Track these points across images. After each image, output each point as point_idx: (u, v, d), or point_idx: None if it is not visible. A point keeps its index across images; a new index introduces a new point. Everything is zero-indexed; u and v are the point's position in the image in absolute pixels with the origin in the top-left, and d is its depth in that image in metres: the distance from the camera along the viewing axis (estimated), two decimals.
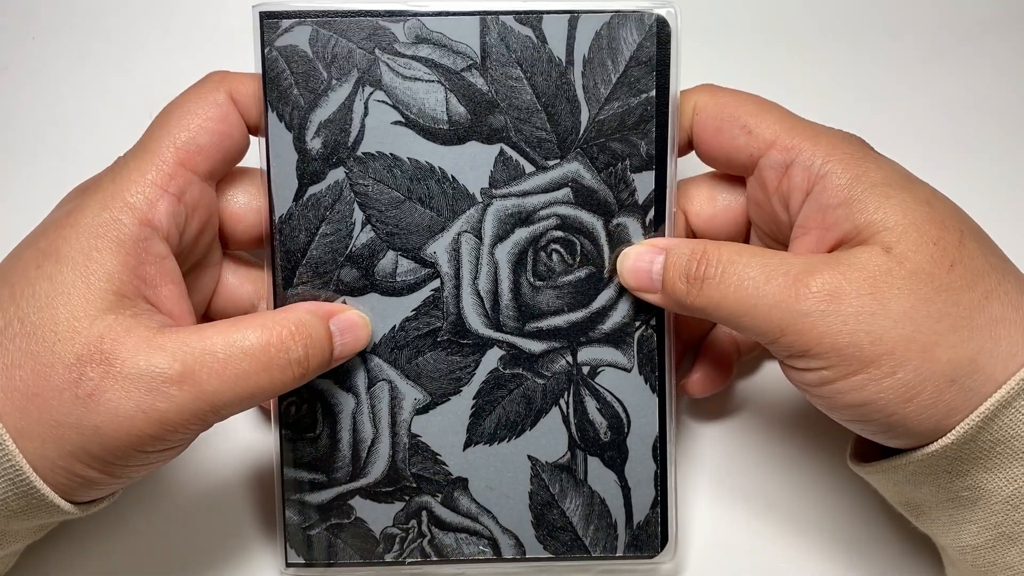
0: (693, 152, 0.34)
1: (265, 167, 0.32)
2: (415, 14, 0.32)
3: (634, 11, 0.32)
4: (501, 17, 0.32)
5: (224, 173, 0.32)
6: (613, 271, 0.33)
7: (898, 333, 0.28)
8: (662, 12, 0.32)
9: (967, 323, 0.28)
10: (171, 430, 0.28)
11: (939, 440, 0.28)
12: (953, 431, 0.28)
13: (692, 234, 0.35)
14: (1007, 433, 0.28)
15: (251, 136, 0.33)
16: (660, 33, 0.32)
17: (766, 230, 0.34)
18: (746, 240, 0.35)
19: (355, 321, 0.32)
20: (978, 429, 0.28)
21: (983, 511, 0.29)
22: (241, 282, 0.34)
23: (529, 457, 0.34)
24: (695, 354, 0.37)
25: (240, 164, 0.33)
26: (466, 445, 0.34)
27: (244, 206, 0.33)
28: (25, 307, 0.28)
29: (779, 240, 0.33)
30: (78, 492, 0.29)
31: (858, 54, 0.39)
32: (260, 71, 0.32)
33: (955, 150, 0.39)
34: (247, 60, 0.32)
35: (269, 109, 0.32)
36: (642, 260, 0.32)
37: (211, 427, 0.30)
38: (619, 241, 0.33)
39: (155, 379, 0.28)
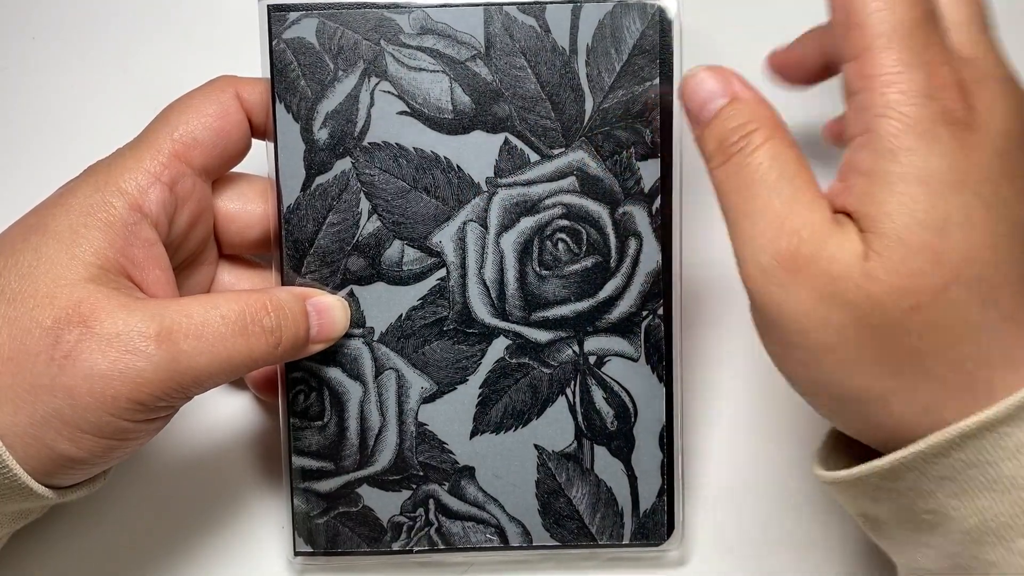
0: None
1: (273, 158, 0.33)
2: (420, 5, 0.32)
3: (636, 0, 0.32)
4: (505, 7, 0.32)
5: (221, 171, 0.33)
6: (620, 260, 0.33)
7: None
8: (664, 2, 0.32)
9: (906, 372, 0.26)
10: (147, 393, 0.28)
11: (909, 447, 0.26)
12: (923, 440, 0.25)
13: None
14: (983, 458, 0.25)
15: (255, 139, 0.33)
16: (662, 22, 0.32)
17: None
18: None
19: (331, 303, 0.32)
20: (953, 445, 0.25)
21: (942, 538, 0.27)
22: (237, 280, 0.35)
23: (536, 446, 0.34)
24: None
25: (241, 170, 0.34)
26: (473, 434, 0.34)
27: (238, 208, 0.33)
28: (7, 276, 0.28)
29: None
30: (53, 473, 0.29)
31: None
32: (267, 63, 0.32)
33: None
34: (248, 59, 0.33)
35: (277, 100, 0.32)
36: (705, 88, 0.28)
37: (190, 399, 0.30)
38: (625, 230, 0.33)
39: (132, 338, 0.28)
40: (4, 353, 0.28)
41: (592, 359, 0.34)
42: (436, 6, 0.32)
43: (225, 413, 0.37)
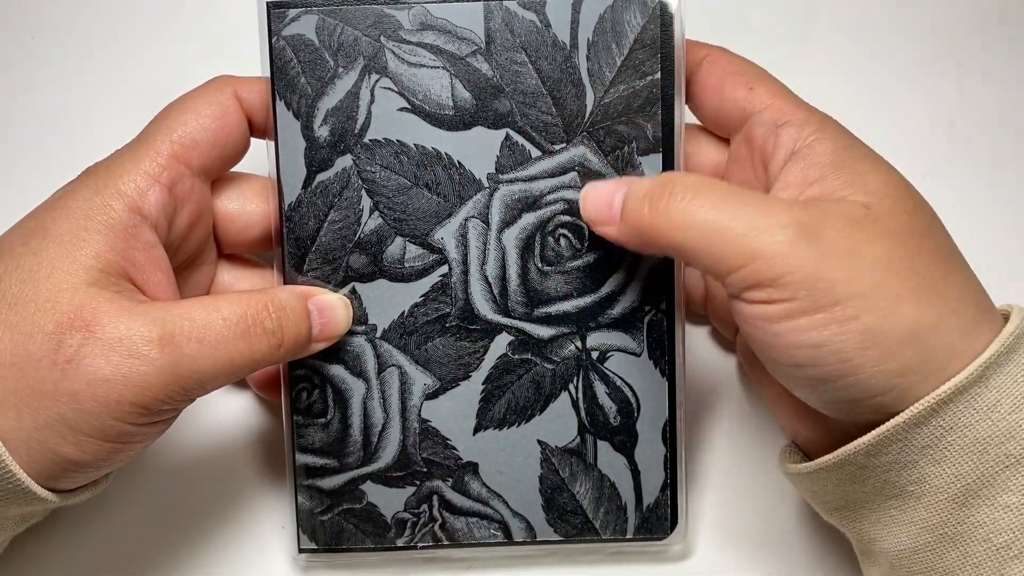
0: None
1: (274, 155, 0.33)
2: (420, 1, 0.32)
3: None
4: (505, 2, 0.32)
5: (220, 172, 0.33)
6: (622, 255, 0.33)
7: (871, 278, 0.27)
8: None
9: (933, 289, 0.27)
10: (151, 397, 0.28)
11: (892, 420, 0.27)
12: (916, 404, 0.27)
13: None
14: (958, 421, 0.27)
15: (253, 139, 0.33)
16: (663, 16, 0.32)
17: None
18: None
19: (333, 302, 0.32)
20: (930, 412, 0.27)
21: (926, 510, 0.28)
22: (236, 280, 0.35)
23: (539, 442, 0.34)
24: None
25: (240, 169, 0.34)
26: (476, 430, 0.34)
27: (237, 208, 0.33)
28: (8, 280, 0.28)
29: None
30: (57, 477, 0.29)
31: (859, 53, 0.39)
32: (267, 61, 0.32)
33: (954, 152, 0.39)
34: (248, 59, 0.33)
35: (277, 98, 0.32)
36: (605, 191, 0.31)
37: (192, 401, 0.30)
38: None
39: (135, 342, 0.28)
40: (6, 358, 0.28)
41: (595, 354, 0.34)
42: (436, 2, 0.32)
43: (228, 411, 0.37)
